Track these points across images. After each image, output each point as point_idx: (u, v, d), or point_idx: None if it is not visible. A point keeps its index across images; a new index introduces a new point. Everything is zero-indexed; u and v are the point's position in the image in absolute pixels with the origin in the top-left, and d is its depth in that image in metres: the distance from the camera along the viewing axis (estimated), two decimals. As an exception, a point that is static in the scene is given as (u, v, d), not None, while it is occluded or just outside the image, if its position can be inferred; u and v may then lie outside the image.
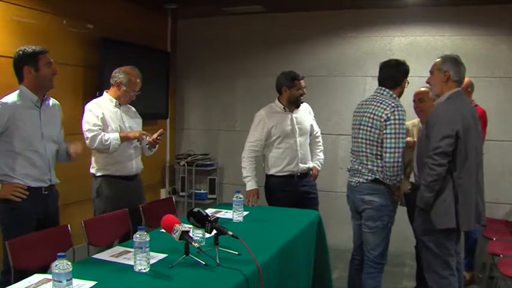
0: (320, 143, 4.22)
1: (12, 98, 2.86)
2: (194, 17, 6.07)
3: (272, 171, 3.96)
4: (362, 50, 5.40)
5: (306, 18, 5.59)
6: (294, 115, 3.97)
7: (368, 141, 3.17)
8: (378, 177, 3.16)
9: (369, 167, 3.18)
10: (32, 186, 2.87)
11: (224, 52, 6.01)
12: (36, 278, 2.08)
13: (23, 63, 2.87)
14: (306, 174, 4.03)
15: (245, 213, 3.33)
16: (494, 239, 3.95)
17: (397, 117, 3.07)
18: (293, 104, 3.94)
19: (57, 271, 1.79)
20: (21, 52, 2.87)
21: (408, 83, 3.31)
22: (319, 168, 4.16)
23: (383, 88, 3.25)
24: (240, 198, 3.25)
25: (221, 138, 5.97)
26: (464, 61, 5.04)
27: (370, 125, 3.16)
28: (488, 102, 4.43)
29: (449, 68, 2.98)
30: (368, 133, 3.17)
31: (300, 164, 3.95)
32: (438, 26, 5.13)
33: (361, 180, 3.24)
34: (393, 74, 3.25)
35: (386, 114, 3.08)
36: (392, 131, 3.07)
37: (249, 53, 5.85)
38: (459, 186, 2.86)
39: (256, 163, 3.96)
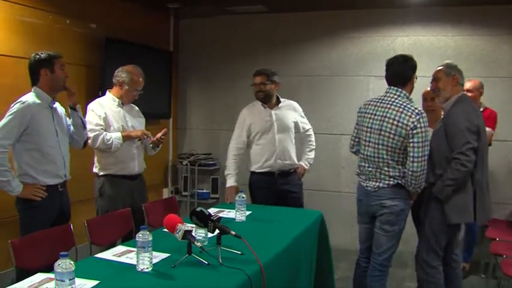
0: (311, 142, 4.19)
1: (31, 98, 3.00)
2: (196, 17, 6.07)
3: (253, 168, 4.02)
4: (365, 50, 5.39)
5: (308, 19, 5.59)
6: (274, 111, 3.99)
7: (390, 148, 3.02)
8: (399, 182, 3.05)
9: (391, 173, 3.06)
10: (50, 184, 3.04)
11: (226, 52, 6.01)
12: (39, 277, 2.08)
13: (40, 66, 3.02)
14: (288, 172, 4.02)
15: (248, 212, 3.33)
16: (497, 239, 3.94)
17: (422, 125, 2.95)
18: (260, 100, 3.97)
19: (59, 270, 1.79)
20: (38, 56, 3.03)
21: (416, 78, 3.16)
22: (306, 167, 4.14)
23: (399, 89, 3.08)
24: (242, 197, 3.25)
25: (223, 137, 5.92)
26: (467, 61, 5.08)
27: (393, 132, 2.99)
28: (491, 102, 4.43)
29: (456, 72, 3.15)
30: (391, 140, 3.01)
31: (278, 161, 3.94)
32: (441, 26, 5.12)
33: (380, 185, 3.09)
34: (402, 71, 3.09)
35: (413, 123, 2.94)
36: (420, 139, 2.94)
37: (251, 53, 5.84)
38: (477, 181, 3.02)
39: (240, 161, 4.00)
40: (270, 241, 2.76)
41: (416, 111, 2.97)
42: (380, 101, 3.13)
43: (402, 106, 3.00)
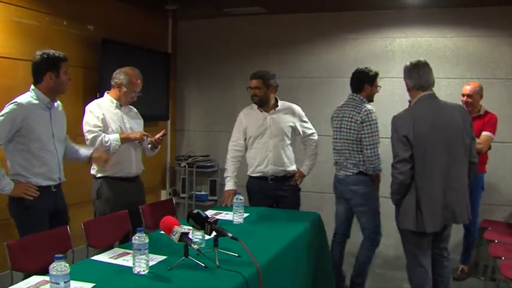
0: (313, 147, 4.07)
1: (26, 98, 2.95)
2: (195, 19, 6.07)
3: (248, 172, 3.99)
4: (363, 52, 5.39)
5: (306, 20, 5.59)
6: (270, 116, 3.90)
7: (349, 141, 3.71)
8: (361, 169, 3.69)
9: (353, 161, 3.71)
10: (43, 185, 2.98)
11: (224, 53, 6.00)
12: (35, 279, 2.08)
13: (46, 69, 2.97)
14: (283, 178, 3.94)
15: (245, 214, 3.32)
16: (496, 241, 3.93)
17: (370, 118, 3.62)
18: (255, 104, 3.91)
19: (54, 273, 1.78)
20: (45, 56, 2.97)
21: (379, 87, 3.86)
22: (305, 174, 4.02)
23: (355, 95, 3.79)
24: (240, 200, 3.24)
25: (222, 139, 5.91)
26: (466, 62, 5.07)
27: (349, 127, 3.70)
28: (489, 103, 4.42)
29: (406, 78, 3.18)
30: (348, 133, 3.71)
31: (271, 166, 3.87)
32: (439, 27, 5.12)
33: (347, 173, 3.77)
34: (352, 81, 3.84)
35: (362, 117, 3.63)
36: (369, 130, 3.61)
37: (249, 55, 5.84)
38: (421, 189, 2.99)
39: (238, 163, 3.96)
40: (267, 243, 2.75)
41: (365, 109, 3.67)
42: (342, 105, 3.87)
43: (354, 106, 3.73)
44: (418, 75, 3.10)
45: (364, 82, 3.77)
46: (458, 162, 3.04)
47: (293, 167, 3.98)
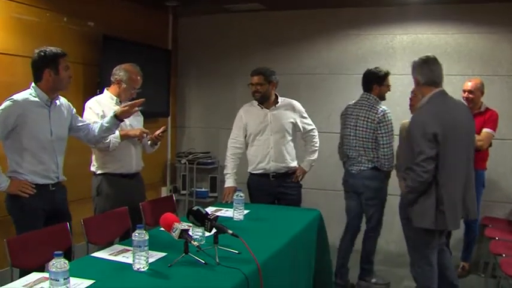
0: (313, 142, 4.04)
1: (23, 95, 2.91)
2: (195, 15, 6.05)
3: (249, 169, 3.98)
4: (364, 48, 5.38)
5: (307, 16, 5.57)
6: (271, 112, 3.89)
7: (365, 139, 3.88)
8: (376, 165, 3.89)
9: (369, 158, 3.90)
10: (39, 183, 2.95)
11: (225, 50, 5.99)
12: (34, 276, 2.07)
13: (45, 66, 2.91)
14: (285, 174, 3.93)
15: (246, 211, 3.31)
16: (496, 238, 3.93)
17: (387, 119, 3.81)
18: (257, 100, 3.90)
19: (54, 270, 1.78)
20: (42, 54, 2.91)
21: (389, 85, 3.98)
22: (306, 170, 4.01)
23: (368, 94, 3.94)
24: (240, 196, 3.23)
25: (222, 136, 5.91)
26: (467, 59, 5.06)
27: (365, 126, 3.86)
28: (490, 100, 4.40)
29: (416, 74, 3.11)
30: (364, 132, 3.87)
31: (273, 162, 3.86)
32: (440, 24, 5.10)
33: (362, 168, 3.93)
34: (362, 81, 3.99)
35: (379, 118, 3.81)
36: (386, 130, 3.81)
37: (249, 51, 5.82)
38: (442, 187, 2.96)
39: (238, 160, 3.95)
40: (267, 240, 2.74)
41: (381, 109, 3.84)
42: (354, 104, 4.01)
43: (370, 106, 3.89)
44: (429, 70, 3.07)
45: (372, 82, 3.92)
46: (470, 159, 3.10)
47: (295, 163, 3.97)
